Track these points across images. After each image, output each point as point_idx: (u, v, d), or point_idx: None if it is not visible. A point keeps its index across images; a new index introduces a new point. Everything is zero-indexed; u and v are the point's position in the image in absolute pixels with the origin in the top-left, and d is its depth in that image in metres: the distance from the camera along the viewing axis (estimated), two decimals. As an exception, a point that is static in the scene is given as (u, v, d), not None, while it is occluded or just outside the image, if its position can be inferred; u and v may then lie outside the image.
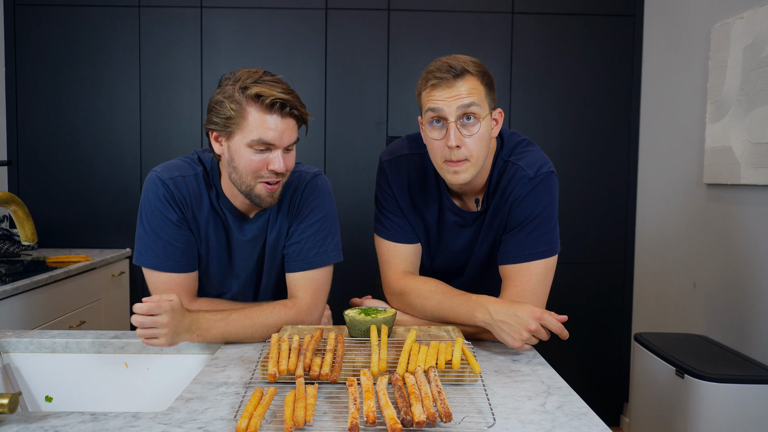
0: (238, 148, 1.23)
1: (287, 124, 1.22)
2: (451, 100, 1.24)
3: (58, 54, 2.97)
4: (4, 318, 2.01)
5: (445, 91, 1.24)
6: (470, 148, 1.25)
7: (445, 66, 1.24)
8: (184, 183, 1.32)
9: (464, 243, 1.44)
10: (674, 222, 2.69)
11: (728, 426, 1.84)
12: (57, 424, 0.88)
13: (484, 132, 1.27)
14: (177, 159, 1.38)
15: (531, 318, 1.19)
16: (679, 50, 2.69)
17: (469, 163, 1.27)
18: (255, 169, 1.23)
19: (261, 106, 1.19)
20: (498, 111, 1.32)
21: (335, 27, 2.98)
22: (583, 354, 3.08)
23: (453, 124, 1.24)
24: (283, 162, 1.23)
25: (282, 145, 1.22)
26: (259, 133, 1.20)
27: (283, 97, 1.19)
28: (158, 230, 1.30)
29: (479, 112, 1.25)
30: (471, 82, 1.24)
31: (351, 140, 3.00)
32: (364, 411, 0.85)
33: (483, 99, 1.26)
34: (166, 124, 3.00)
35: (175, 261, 1.31)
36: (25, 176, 3.01)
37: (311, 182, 1.39)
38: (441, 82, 1.24)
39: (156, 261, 1.30)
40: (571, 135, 3.04)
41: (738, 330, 2.21)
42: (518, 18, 3.00)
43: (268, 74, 1.24)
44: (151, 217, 1.30)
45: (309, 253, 1.35)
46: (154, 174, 1.32)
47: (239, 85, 1.20)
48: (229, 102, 1.20)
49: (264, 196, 1.26)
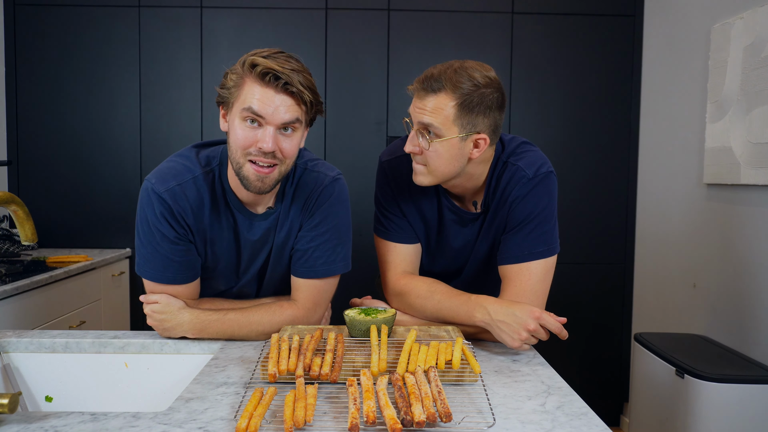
0: (233, 119, 1.18)
1: (281, 100, 1.15)
2: (416, 110, 1.26)
3: (58, 54, 2.97)
4: (4, 318, 2.01)
5: (416, 100, 1.27)
6: (426, 157, 1.27)
7: (427, 76, 1.25)
8: (182, 192, 1.24)
9: (464, 243, 1.44)
10: (674, 222, 2.69)
11: (728, 426, 1.84)
12: (57, 424, 0.88)
13: (443, 151, 1.25)
14: (172, 160, 1.29)
15: (530, 318, 1.19)
16: (679, 50, 2.69)
17: (425, 168, 1.29)
18: (243, 143, 1.16)
19: (255, 76, 1.15)
20: (482, 137, 1.26)
21: (335, 27, 2.98)
22: (583, 354, 3.08)
23: (413, 132, 1.28)
24: (272, 141, 1.15)
25: (273, 121, 1.15)
26: (250, 102, 1.15)
27: (278, 69, 1.13)
28: (155, 245, 1.26)
29: (438, 132, 1.24)
30: (440, 99, 1.23)
31: (351, 140, 3.00)
32: (364, 411, 0.85)
33: (449, 120, 1.23)
34: (166, 124, 3.00)
35: (174, 274, 1.28)
36: (25, 176, 3.01)
37: (329, 187, 1.33)
38: (416, 91, 1.27)
39: (155, 273, 1.28)
40: (571, 135, 3.04)
41: (738, 330, 2.21)
42: (518, 18, 3.00)
43: (285, 54, 1.19)
44: (148, 233, 1.26)
45: (317, 261, 1.32)
46: (148, 185, 1.24)
47: (245, 57, 1.18)
48: (232, 73, 1.19)
49: (252, 180, 1.19)
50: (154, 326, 1.29)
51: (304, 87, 1.16)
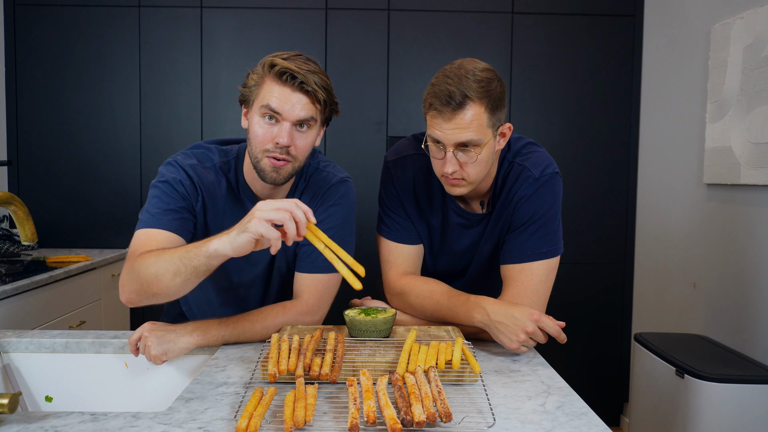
0: (253, 116, 1.25)
1: (297, 98, 1.21)
2: (449, 132, 1.21)
3: (58, 54, 2.97)
4: (4, 318, 2.01)
5: (443, 122, 1.21)
6: (467, 171, 1.25)
7: (445, 95, 1.18)
8: (203, 172, 1.32)
9: (468, 244, 1.44)
10: (674, 222, 2.69)
11: (728, 426, 1.84)
12: (57, 424, 0.88)
13: (484, 157, 1.25)
14: (191, 149, 1.36)
15: (529, 320, 1.18)
16: (679, 50, 2.69)
17: (465, 181, 1.27)
18: (262, 139, 1.23)
19: (273, 75, 1.22)
20: (507, 126, 1.28)
21: (335, 27, 2.98)
22: (584, 354, 3.08)
23: (450, 153, 1.23)
24: (288, 137, 1.22)
25: (289, 118, 1.22)
26: (268, 100, 1.22)
27: (294, 69, 1.20)
28: (159, 197, 1.26)
29: (479, 142, 1.22)
30: (472, 110, 1.19)
31: (351, 140, 3.00)
32: (364, 411, 0.85)
33: (484, 126, 1.21)
34: (166, 124, 3.00)
35: (170, 221, 1.25)
36: (25, 176, 3.01)
37: (336, 186, 1.37)
38: (439, 114, 1.21)
39: (151, 220, 1.25)
40: (571, 135, 3.04)
41: (738, 330, 2.21)
42: (518, 18, 3.00)
43: (302, 56, 1.25)
44: (158, 193, 1.27)
45: (318, 258, 1.33)
46: (171, 160, 1.31)
47: (266, 58, 1.25)
48: (253, 73, 1.26)
49: (268, 170, 1.25)
50: (159, 353, 1.20)
51: (318, 86, 1.23)
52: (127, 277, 1.17)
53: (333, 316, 1.48)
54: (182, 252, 1.11)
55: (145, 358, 1.22)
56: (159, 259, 1.13)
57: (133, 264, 1.16)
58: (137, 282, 1.14)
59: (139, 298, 1.17)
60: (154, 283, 1.12)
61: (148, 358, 1.20)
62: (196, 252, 1.10)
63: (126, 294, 1.18)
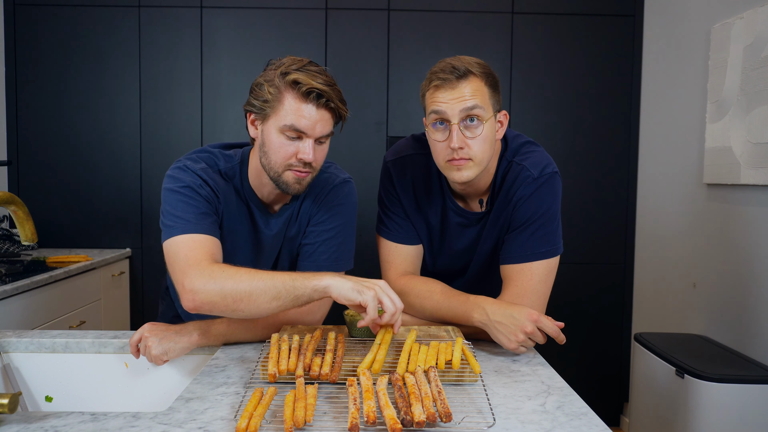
0: (270, 132, 1.21)
1: (321, 115, 1.20)
2: (454, 102, 1.23)
3: (58, 54, 2.97)
4: (4, 318, 2.01)
5: (448, 93, 1.24)
6: (473, 149, 1.25)
7: (449, 67, 1.24)
8: (212, 174, 1.29)
9: (467, 243, 1.44)
10: (674, 222, 2.69)
11: (728, 426, 1.84)
12: (57, 424, 0.88)
13: (488, 134, 1.26)
14: (195, 153, 1.33)
15: (528, 320, 1.18)
16: (679, 50, 2.69)
17: (472, 162, 1.26)
18: (284, 156, 1.21)
19: (297, 93, 1.18)
20: (503, 113, 1.31)
21: (335, 27, 2.98)
22: (583, 354, 3.08)
23: (456, 126, 1.24)
24: (312, 153, 1.20)
25: (314, 135, 1.20)
26: (292, 120, 1.18)
27: (321, 88, 1.18)
28: (186, 201, 1.22)
29: (482, 114, 1.24)
30: (475, 83, 1.24)
31: (351, 140, 3.00)
32: (364, 411, 0.85)
33: (487, 101, 1.25)
34: (166, 124, 3.00)
35: (209, 225, 1.23)
36: (25, 176, 3.01)
37: (338, 187, 1.37)
38: (444, 83, 1.24)
39: (187, 225, 1.20)
40: (571, 135, 3.04)
41: (738, 330, 2.21)
42: (518, 18, 3.00)
43: (314, 64, 1.22)
44: (180, 197, 1.22)
45: (320, 256, 1.34)
46: (180, 164, 1.27)
47: (281, 70, 1.19)
48: (269, 85, 1.20)
49: (291, 183, 1.24)
50: (160, 353, 1.20)
51: (341, 102, 1.23)
52: (205, 285, 1.10)
53: (333, 316, 1.48)
54: (286, 279, 1.10)
55: (144, 358, 1.23)
56: (254, 278, 1.10)
57: (213, 273, 1.11)
58: (220, 295, 1.10)
59: (215, 309, 1.12)
60: (245, 300, 1.10)
61: (149, 359, 1.20)
62: (303, 282, 1.09)
63: (198, 302, 1.11)
